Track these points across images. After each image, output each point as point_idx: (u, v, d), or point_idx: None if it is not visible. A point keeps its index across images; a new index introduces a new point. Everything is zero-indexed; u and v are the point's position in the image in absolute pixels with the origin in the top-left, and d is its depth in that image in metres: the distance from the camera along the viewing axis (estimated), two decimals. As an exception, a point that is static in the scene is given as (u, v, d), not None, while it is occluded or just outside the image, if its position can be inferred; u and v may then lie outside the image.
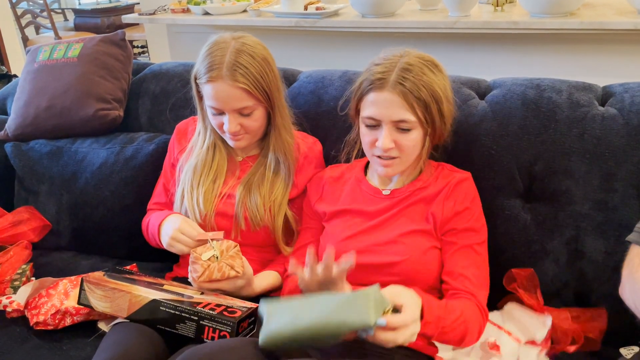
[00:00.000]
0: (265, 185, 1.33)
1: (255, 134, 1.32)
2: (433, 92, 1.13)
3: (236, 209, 1.31)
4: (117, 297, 1.16)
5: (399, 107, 1.12)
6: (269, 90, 1.26)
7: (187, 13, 3.00)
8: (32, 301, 1.30)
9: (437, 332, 1.02)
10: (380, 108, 1.14)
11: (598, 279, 1.26)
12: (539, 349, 1.19)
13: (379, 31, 2.58)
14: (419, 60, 1.15)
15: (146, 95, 1.74)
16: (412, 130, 1.14)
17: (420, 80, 1.12)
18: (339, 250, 1.21)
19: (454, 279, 1.15)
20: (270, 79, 1.26)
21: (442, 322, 1.02)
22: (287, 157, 1.34)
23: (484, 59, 2.55)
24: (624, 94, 1.31)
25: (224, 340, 1.05)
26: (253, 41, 1.27)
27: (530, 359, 1.17)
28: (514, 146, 1.31)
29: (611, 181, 1.25)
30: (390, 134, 1.14)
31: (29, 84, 1.71)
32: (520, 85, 1.37)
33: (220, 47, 1.24)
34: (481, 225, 1.22)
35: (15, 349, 1.25)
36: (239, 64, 1.22)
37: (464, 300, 1.12)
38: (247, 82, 1.22)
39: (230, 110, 1.25)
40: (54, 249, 1.64)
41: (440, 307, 1.03)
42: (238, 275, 1.17)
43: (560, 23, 2.23)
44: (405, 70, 1.13)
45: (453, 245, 1.17)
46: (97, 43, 1.73)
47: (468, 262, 1.16)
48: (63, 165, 1.63)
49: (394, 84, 1.12)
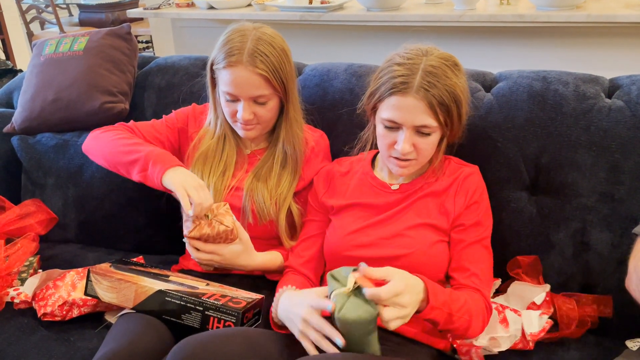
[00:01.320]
0: (272, 178, 1.33)
1: (267, 124, 1.32)
2: (455, 96, 1.12)
3: (244, 202, 1.31)
4: (123, 288, 1.16)
5: (422, 112, 1.10)
6: (285, 81, 1.26)
7: (192, 7, 3.00)
8: (40, 293, 1.31)
9: (444, 319, 1.02)
10: (402, 112, 1.11)
11: (604, 271, 1.25)
12: (540, 311, 1.21)
13: (384, 25, 2.58)
14: (442, 61, 1.12)
15: (152, 89, 1.74)
16: (432, 135, 1.14)
17: (444, 85, 1.10)
18: (345, 243, 1.21)
19: (461, 275, 1.15)
20: (287, 70, 1.26)
21: (448, 308, 1.02)
22: (295, 149, 1.33)
23: (490, 53, 2.54)
24: (631, 86, 1.31)
25: (218, 329, 1.06)
26: (272, 32, 1.28)
27: (532, 321, 1.19)
28: (520, 138, 1.31)
29: (617, 173, 1.25)
30: (410, 138, 1.13)
31: (35, 78, 1.72)
32: (527, 78, 1.36)
33: (241, 34, 1.24)
34: (488, 219, 1.22)
35: (23, 340, 1.26)
36: (260, 51, 1.22)
37: (468, 291, 1.12)
38: (266, 70, 1.22)
39: (245, 97, 1.25)
40: (60, 241, 1.65)
41: (445, 294, 1.04)
42: (228, 229, 1.18)
43: (567, 16, 2.22)
44: (430, 74, 1.10)
45: (461, 242, 1.17)
46: (103, 36, 1.74)
47: (476, 258, 1.16)
48: (69, 158, 1.64)
49: (417, 89, 1.09)
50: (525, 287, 1.26)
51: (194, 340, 0.98)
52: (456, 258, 1.17)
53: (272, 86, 1.24)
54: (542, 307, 1.23)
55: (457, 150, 1.31)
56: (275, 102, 1.28)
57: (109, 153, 1.32)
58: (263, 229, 1.34)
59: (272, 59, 1.23)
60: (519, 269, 1.28)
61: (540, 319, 1.20)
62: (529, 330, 1.18)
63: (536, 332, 1.18)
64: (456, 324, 1.06)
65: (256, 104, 1.26)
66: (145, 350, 1.06)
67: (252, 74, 1.22)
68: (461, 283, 1.15)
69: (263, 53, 1.22)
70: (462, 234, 1.18)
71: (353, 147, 1.35)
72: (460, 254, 1.17)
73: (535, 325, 1.19)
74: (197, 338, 0.99)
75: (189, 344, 0.97)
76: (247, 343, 1.00)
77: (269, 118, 1.30)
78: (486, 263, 1.18)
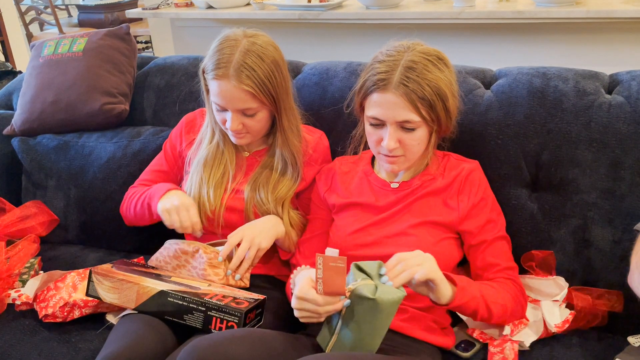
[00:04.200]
0: (271, 184, 1.32)
1: (258, 133, 1.31)
2: (438, 90, 1.11)
3: (246, 205, 1.31)
4: (125, 288, 1.16)
5: (403, 108, 1.11)
6: (275, 94, 1.24)
7: (191, 7, 3.00)
8: (41, 294, 1.31)
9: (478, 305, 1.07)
10: (384, 109, 1.12)
11: (605, 267, 1.25)
12: (559, 302, 1.22)
13: (383, 23, 2.58)
14: (422, 56, 1.12)
15: (151, 89, 1.74)
16: (417, 130, 1.14)
17: (424, 79, 1.10)
18: (347, 243, 1.21)
19: (490, 271, 1.18)
20: (278, 82, 1.24)
21: (477, 290, 1.08)
22: (294, 156, 1.32)
23: (489, 49, 2.54)
24: (631, 82, 1.31)
25: (229, 330, 1.06)
26: (264, 41, 1.25)
27: (554, 313, 1.20)
28: (520, 135, 1.31)
29: (618, 169, 1.24)
30: (394, 134, 1.13)
31: (34, 79, 1.72)
32: (526, 74, 1.36)
33: (230, 45, 1.22)
34: (498, 213, 1.23)
35: (24, 341, 1.26)
36: (247, 65, 1.20)
37: (501, 281, 1.16)
38: (252, 85, 1.20)
39: (233, 109, 1.24)
40: (61, 242, 1.65)
41: (472, 282, 1.08)
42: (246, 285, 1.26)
43: (566, 12, 2.21)
44: (409, 69, 1.10)
45: (482, 244, 1.18)
46: (102, 37, 1.73)
47: (498, 252, 1.19)
48: (70, 159, 1.64)
49: (397, 84, 1.10)
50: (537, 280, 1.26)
51: (204, 341, 0.98)
52: (480, 258, 1.19)
53: (259, 100, 1.23)
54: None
55: (457, 147, 1.30)
56: (264, 114, 1.27)
57: (134, 217, 1.43)
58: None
59: (260, 72, 1.20)
60: (532, 262, 1.28)
61: (562, 310, 1.21)
62: (552, 322, 1.19)
63: (559, 323, 1.19)
64: (494, 311, 1.09)
65: (244, 116, 1.25)
66: (147, 352, 1.06)
67: (237, 89, 1.20)
68: (491, 278, 1.17)
69: (250, 67, 1.20)
70: (482, 235, 1.18)
71: (346, 148, 1.34)
72: (484, 255, 1.18)
73: (557, 317, 1.20)
74: (207, 339, 0.98)
75: (198, 346, 0.97)
76: (258, 344, 1.00)
77: (259, 129, 1.29)
78: (509, 253, 1.21)
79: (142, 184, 1.46)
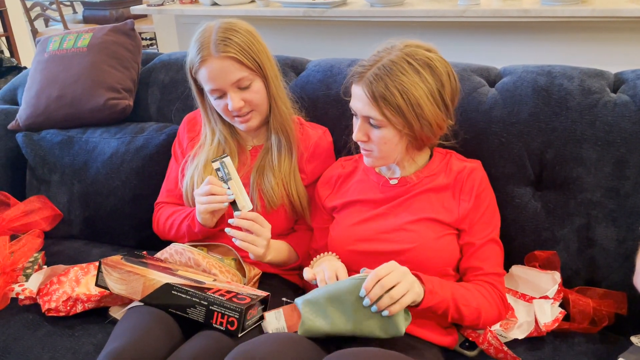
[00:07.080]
0: (273, 162, 1.35)
1: (260, 108, 1.32)
2: (408, 95, 1.09)
3: (251, 193, 1.32)
4: (132, 280, 1.17)
5: (366, 103, 1.13)
6: (258, 59, 1.28)
7: (195, 4, 3.01)
8: (44, 288, 1.32)
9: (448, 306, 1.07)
10: (354, 101, 1.16)
11: (609, 266, 1.25)
12: (551, 301, 1.22)
13: (387, 20, 2.57)
14: (405, 58, 1.11)
15: (155, 85, 1.74)
16: (382, 128, 1.14)
17: (395, 81, 1.09)
18: (346, 236, 1.22)
19: (472, 274, 1.17)
20: (258, 48, 1.28)
21: (451, 294, 1.07)
22: (288, 134, 1.35)
23: (494, 48, 2.53)
24: (636, 81, 1.30)
25: (271, 334, 1.06)
26: (236, 20, 1.31)
27: (545, 311, 1.20)
28: (524, 134, 1.30)
29: (623, 168, 1.24)
30: (362, 127, 1.16)
31: (39, 74, 1.72)
32: (531, 73, 1.36)
33: (205, 30, 1.28)
34: (495, 215, 1.23)
35: (28, 335, 1.26)
36: (224, 37, 1.25)
37: (479, 284, 1.15)
38: (234, 51, 1.24)
39: (228, 86, 1.26)
40: (65, 237, 1.65)
41: (444, 283, 1.07)
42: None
43: (572, 11, 2.21)
44: (383, 68, 1.10)
45: (472, 245, 1.18)
46: (107, 33, 1.74)
47: (486, 255, 1.18)
48: (74, 154, 1.65)
49: (366, 80, 1.12)
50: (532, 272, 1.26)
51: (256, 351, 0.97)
52: (466, 259, 1.18)
53: (246, 66, 1.26)
54: (554, 297, 1.23)
55: (461, 145, 1.30)
56: (259, 84, 1.30)
57: (174, 237, 1.39)
58: (273, 220, 1.32)
59: (238, 40, 1.25)
60: (535, 262, 1.28)
61: (553, 308, 1.20)
62: (542, 321, 1.18)
63: (549, 322, 1.19)
64: (465, 312, 1.08)
65: (241, 90, 1.28)
66: (154, 347, 1.06)
67: (223, 60, 1.24)
68: (471, 280, 1.17)
69: (227, 38, 1.25)
70: (472, 236, 1.18)
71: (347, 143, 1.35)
72: (469, 256, 1.18)
73: (548, 315, 1.19)
74: (259, 348, 0.98)
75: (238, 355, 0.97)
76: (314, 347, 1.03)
77: (260, 100, 1.31)
78: (498, 258, 1.20)
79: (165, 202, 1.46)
